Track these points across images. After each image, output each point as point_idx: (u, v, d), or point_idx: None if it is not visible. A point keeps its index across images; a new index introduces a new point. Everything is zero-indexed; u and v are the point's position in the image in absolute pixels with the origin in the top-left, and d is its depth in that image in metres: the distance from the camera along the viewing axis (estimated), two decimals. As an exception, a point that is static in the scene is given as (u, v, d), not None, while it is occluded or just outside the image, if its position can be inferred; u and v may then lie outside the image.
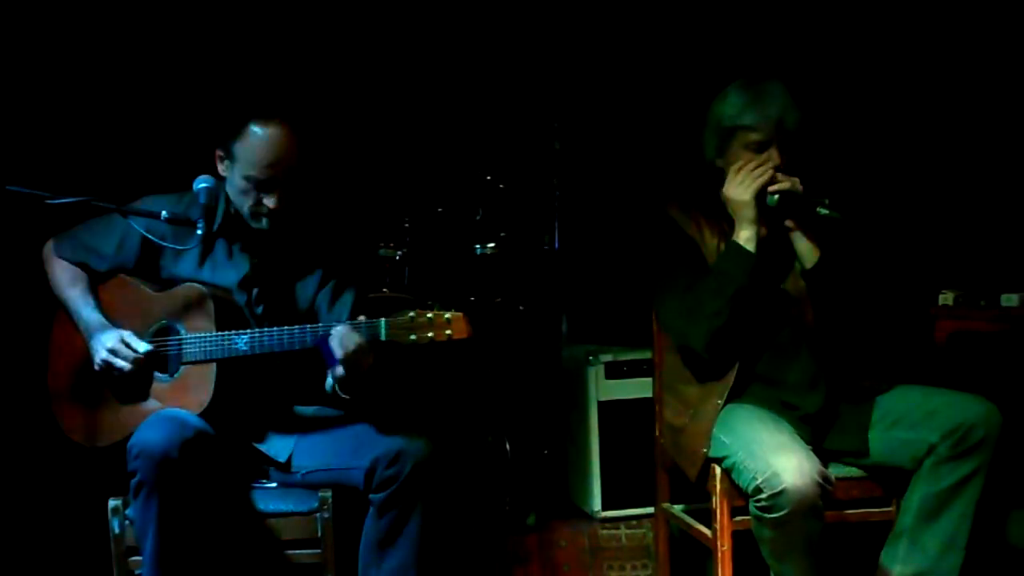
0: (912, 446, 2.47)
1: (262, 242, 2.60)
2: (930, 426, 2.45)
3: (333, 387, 2.48)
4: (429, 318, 2.35)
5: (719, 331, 2.52)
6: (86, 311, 2.53)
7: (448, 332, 2.35)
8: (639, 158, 3.88)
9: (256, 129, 2.48)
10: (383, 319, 2.38)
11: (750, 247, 2.54)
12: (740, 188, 2.56)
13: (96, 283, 2.60)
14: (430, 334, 2.35)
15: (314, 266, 2.65)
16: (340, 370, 2.37)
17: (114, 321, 2.53)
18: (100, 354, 2.46)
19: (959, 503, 2.42)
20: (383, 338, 2.38)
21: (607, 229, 3.85)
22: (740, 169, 2.57)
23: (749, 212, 2.56)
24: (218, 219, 2.58)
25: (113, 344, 2.45)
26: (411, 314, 2.36)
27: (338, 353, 2.35)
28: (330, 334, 2.38)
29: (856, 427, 2.57)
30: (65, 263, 2.61)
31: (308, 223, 2.68)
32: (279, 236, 2.59)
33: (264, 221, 2.53)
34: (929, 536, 2.44)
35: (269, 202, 2.50)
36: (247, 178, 2.49)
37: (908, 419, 2.51)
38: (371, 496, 2.41)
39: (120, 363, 2.44)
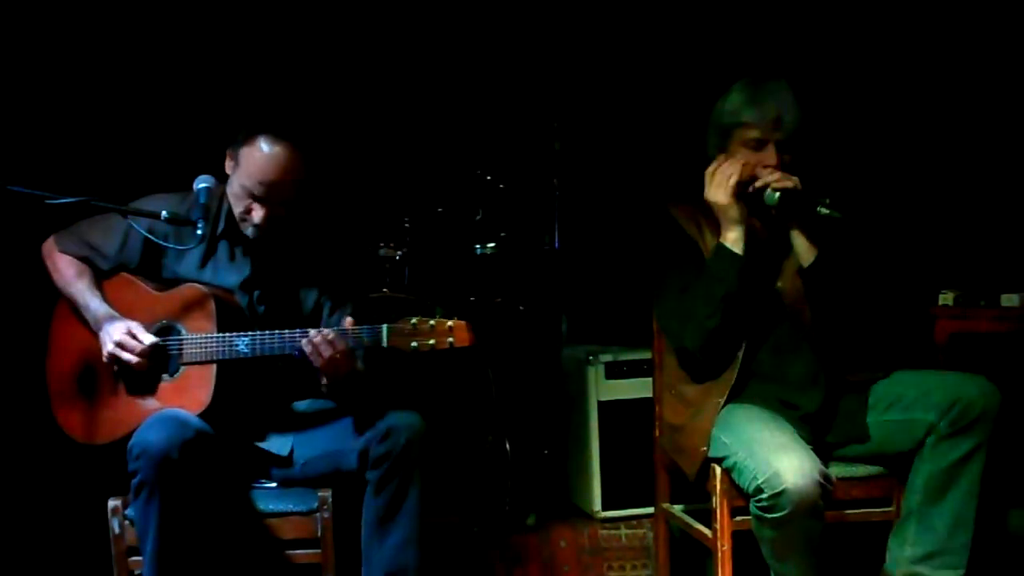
0: (910, 427, 2.48)
1: (264, 245, 2.59)
2: (926, 405, 2.46)
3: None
4: (431, 325, 2.36)
5: (712, 333, 2.52)
6: (94, 303, 2.52)
7: (450, 340, 2.35)
8: (639, 158, 3.87)
9: (264, 145, 2.47)
10: (385, 325, 2.38)
11: (737, 249, 2.53)
12: (717, 191, 2.53)
13: (99, 279, 2.59)
14: (432, 341, 2.36)
15: (317, 270, 2.65)
16: (323, 378, 2.42)
17: (116, 318, 2.53)
18: (108, 346, 2.45)
19: (964, 480, 2.43)
20: (385, 344, 2.38)
21: (607, 229, 3.85)
22: (714, 172, 2.55)
23: (732, 212, 2.53)
24: (221, 222, 2.59)
25: (120, 336, 2.44)
26: (413, 321, 2.36)
27: (316, 362, 2.39)
28: (301, 348, 2.40)
29: (853, 414, 2.57)
30: (69, 258, 2.59)
31: (310, 226, 2.67)
32: (282, 239, 2.59)
33: (250, 230, 2.53)
34: (937, 515, 2.45)
35: (256, 215, 2.50)
36: (243, 187, 2.49)
37: (903, 401, 2.52)
38: (367, 475, 2.42)
39: (127, 356, 2.44)
